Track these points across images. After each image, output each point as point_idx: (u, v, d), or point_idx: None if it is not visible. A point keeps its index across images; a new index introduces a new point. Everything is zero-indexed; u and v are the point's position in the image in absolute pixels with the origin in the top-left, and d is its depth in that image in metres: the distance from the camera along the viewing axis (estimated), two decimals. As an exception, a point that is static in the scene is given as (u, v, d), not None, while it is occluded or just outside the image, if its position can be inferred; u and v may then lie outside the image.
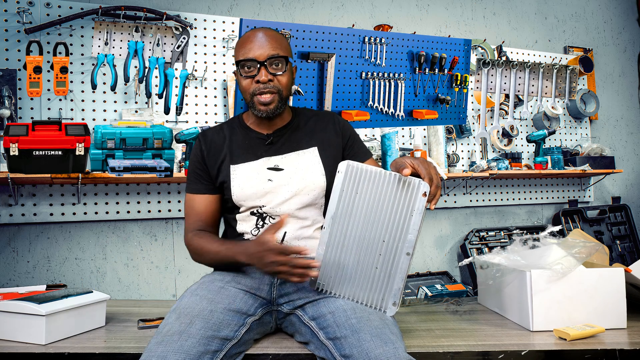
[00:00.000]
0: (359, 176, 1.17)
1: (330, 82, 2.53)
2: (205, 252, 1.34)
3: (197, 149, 1.43)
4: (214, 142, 1.42)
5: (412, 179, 1.13)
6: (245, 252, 1.23)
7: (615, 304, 1.36)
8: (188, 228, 1.41)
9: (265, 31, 1.36)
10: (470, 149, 3.01)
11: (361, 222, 1.17)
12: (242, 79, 1.35)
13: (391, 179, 1.15)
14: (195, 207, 1.41)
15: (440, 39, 2.78)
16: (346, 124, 1.49)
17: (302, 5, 2.77)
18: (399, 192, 1.14)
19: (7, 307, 1.31)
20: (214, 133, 1.45)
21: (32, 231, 2.21)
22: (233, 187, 1.36)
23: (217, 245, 1.32)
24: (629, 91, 3.52)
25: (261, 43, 1.32)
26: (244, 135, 1.43)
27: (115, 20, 2.26)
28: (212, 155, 1.40)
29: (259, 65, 1.31)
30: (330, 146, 1.42)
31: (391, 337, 1.07)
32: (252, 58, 1.31)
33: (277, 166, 1.37)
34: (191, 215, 1.41)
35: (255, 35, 1.34)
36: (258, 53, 1.31)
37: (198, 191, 1.41)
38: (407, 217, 1.14)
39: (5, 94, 2.09)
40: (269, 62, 1.32)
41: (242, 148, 1.40)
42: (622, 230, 3.16)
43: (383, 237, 1.16)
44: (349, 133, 1.47)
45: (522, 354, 1.21)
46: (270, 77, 1.32)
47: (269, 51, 1.32)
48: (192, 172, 1.43)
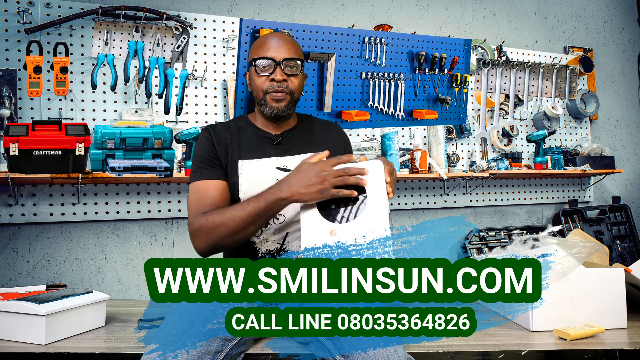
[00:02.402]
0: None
1: (330, 82, 2.53)
2: (228, 216, 1.22)
3: (206, 139, 1.40)
4: (222, 135, 1.41)
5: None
6: (285, 183, 1.18)
7: (615, 304, 1.36)
8: (196, 213, 1.29)
9: (282, 35, 1.42)
10: (470, 149, 3.01)
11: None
12: (257, 77, 1.38)
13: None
14: (207, 192, 1.32)
15: (440, 39, 2.78)
16: (347, 138, 1.57)
17: (302, 5, 2.77)
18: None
19: (7, 307, 1.31)
20: (222, 127, 1.44)
21: (32, 231, 2.21)
22: (241, 182, 1.35)
23: (240, 203, 1.24)
24: (629, 91, 3.52)
25: (279, 45, 1.37)
26: (252, 133, 1.44)
27: (115, 20, 2.26)
28: (221, 147, 1.39)
29: (275, 65, 1.35)
30: (335, 155, 1.44)
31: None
32: (270, 57, 1.35)
33: (286, 166, 1.38)
34: (201, 201, 1.31)
35: (273, 38, 1.40)
36: (275, 54, 1.36)
37: (211, 176, 1.34)
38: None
39: (5, 94, 2.09)
40: (284, 63, 1.36)
41: (251, 145, 1.41)
42: (622, 230, 3.16)
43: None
44: (349, 148, 1.56)
45: (522, 354, 1.21)
46: (284, 77, 1.36)
47: (285, 53, 1.37)
48: (203, 159, 1.37)
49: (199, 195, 1.33)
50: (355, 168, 1.17)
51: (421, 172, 2.61)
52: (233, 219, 1.22)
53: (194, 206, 1.32)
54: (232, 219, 1.22)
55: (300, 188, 1.16)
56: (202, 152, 1.39)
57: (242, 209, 1.22)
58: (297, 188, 1.16)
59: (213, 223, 1.24)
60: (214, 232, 1.24)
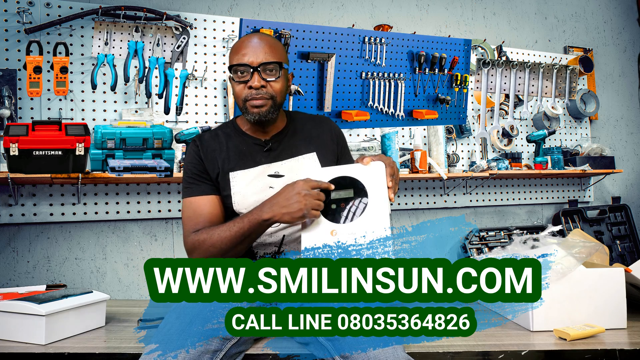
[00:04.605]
0: None
1: (330, 82, 2.53)
2: (217, 236, 1.25)
3: (194, 152, 1.39)
4: (210, 147, 1.39)
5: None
6: (267, 205, 1.20)
7: (615, 304, 1.36)
8: (190, 231, 1.32)
9: (260, 36, 1.34)
10: (470, 149, 3.01)
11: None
12: (235, 85, 1.33)
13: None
14: (199, 209, 1.34)
15: (440, 39, 2.78)
16: (340, 132, 1.51)
17: (302, 5, 2.77)
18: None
19: (7, 307, 1.31)
20: (210, 138, 1.41)
21: (32, 231, 2.21)
22: (234, 195, 1.34)
23: (228, 222, 1.26)
24: (629, 91, 3.51)
25: (255, 48, 1.31)
26: (241, 141, 1.40)
27: (115, 20, 2.26)
28: (209, 160, 1.37)
29: (252, 71, 1.30)
30: (327, 152, 1.43)
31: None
32: (245, 63, 1.30)
33: (278, 173, 1.36)
34: (193, 218, 1.33)
35: (250, 41, 1.33)
36: (252, 59, 1.30)
37: (202, 192, 1.35)
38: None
39: (5, 94, 2.09)
40: (262, 67, 1.30)
41: (241, 154, 1.38)
42: (622, 230, 3.16)
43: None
44: (342, 142, 1.50)
45: (522, 354, 1.21)
46: (263, 83, 1.30)
47: (262, 57, 1.30)
48: (192, 175, 1.37)
49: (190, 213, 1.35)
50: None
51: (421, 172, 2.61)
52: (221, 240, 1.25)
53: (187, 223, 1.34)
54: (219, 240, 1.25)
55: (281, 209, 1.17)
56: (191, 167, 1.38)
57: (229, 230, 1.25)
58: (278, 209, 1.18)
59: (204, 244, 1.27)
60: (205, 253, 1.28)
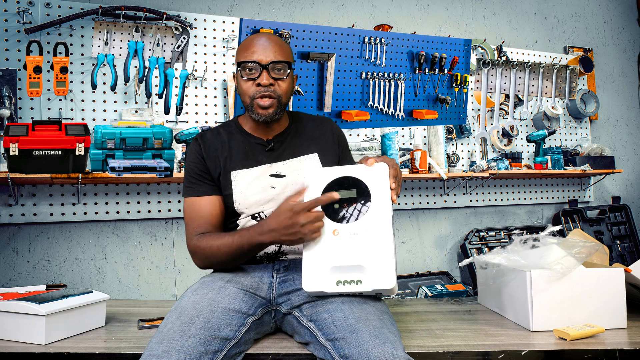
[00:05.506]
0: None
1: (330, 82, 2.53)
2: (216, 248, 1.27)
3: (196, 151, 1.39)
4: (212, 145, 1.39)
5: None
6: (266, 229, 1.19)
7: (615, 304, 1.36)
8: (192, 233, 1.33)
9: (269, 36, 1.36)
10: (470, 149, 3.01)
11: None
12: (243, 82, 1.34)
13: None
14: (200, 210, 1.34)
15: (440, 39, 2.78)
16: (341, 133, 1.52)
17: (302, 5, 2.77)
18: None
19: (7, 307, 1.31)
20: (212, 136, 1.42)
21: (32, 231, 2.21)
22: (235, 194, 1.34)
23: (229, 236, 1.27)
24: (629, 91, 3.52)
25: (265, 47, 1.32)
26: (243, 140, 1.41)
27: (115, 20, 2.26)
28: (211, 159, 1.38)
29: (261, 69, 1.31)
30: (329, 152, 1.44)
31: (390, 336, 1.07)
32: (255, 61, 1.31)
33: (279, 173, 1.37)
34: (195, 219, 1.33)
35: (260, 39, 1.34)
36: (261, 57, 1.31)
37: (203, 193, 1.35)
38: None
39: (5, 94, 2.09)
40: (271, 66, 1.31)
41: (242, 153, 1.38)
42: (622, 230, 3.16)
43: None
44: (343, 143, 1.50)
45: (522, 354, 1.21)
46: (271, 81, 1.31)
47: (272, 56, 1.32)
48: (194, 174, 1.38)
49: (193, 213, 1.35)
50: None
51: (421, 172, 2.61)
52: (221, 252, 1.27)
53: (190, 224, 1.35)
54: (220, 252, 1.27)
55: (282, 237, 1.18)
56: (192, 166, 1.39)
57: (229, 246, 1.26)
58: (278, 236, 1.18)
59: (206, 251, 1.29)
60: (207, 259, 1.30)
